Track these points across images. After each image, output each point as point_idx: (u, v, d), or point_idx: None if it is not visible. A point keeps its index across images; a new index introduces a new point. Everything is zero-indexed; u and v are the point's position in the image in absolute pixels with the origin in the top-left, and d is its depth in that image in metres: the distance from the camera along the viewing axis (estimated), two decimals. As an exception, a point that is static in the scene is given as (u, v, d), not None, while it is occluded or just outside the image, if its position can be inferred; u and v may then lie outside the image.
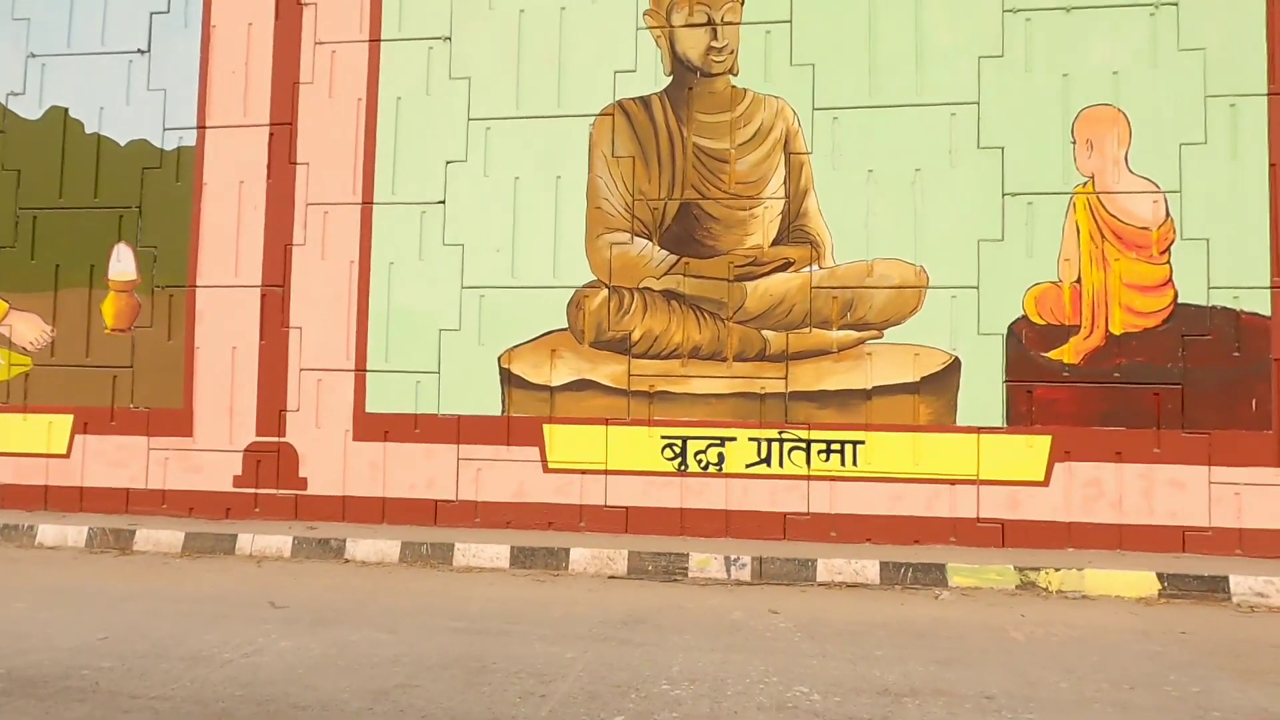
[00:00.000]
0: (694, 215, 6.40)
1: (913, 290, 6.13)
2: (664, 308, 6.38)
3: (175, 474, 6.94)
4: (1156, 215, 5.95)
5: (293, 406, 6.79)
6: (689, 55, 6.48)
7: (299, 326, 6.83)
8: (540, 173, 6.59)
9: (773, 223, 6.31)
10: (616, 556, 5.78)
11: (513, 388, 6.53)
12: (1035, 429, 5.97)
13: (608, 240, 6.48)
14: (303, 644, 4.12)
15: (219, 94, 7.06)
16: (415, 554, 6.02)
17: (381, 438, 6.66)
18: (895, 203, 6.18)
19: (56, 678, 3.60)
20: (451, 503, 6.56)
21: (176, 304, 7.01)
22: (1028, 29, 6.14)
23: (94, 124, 7.22)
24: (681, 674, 3.75)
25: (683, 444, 6.31)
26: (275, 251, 6.90)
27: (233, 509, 6.82)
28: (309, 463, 6.75)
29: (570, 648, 4.12)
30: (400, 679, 3.65)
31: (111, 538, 6.38)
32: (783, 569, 5.60)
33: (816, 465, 6.17)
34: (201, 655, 3.94)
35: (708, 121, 6.42)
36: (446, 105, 6.73)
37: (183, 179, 7.07)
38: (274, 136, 6.95)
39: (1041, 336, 6.01)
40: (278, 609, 4.79)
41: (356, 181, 6.80)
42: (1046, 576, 5.34)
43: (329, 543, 6.13)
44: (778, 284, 6.27)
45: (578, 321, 6.47)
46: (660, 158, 6.45)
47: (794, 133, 6.31)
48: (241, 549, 6.20)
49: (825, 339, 6.19)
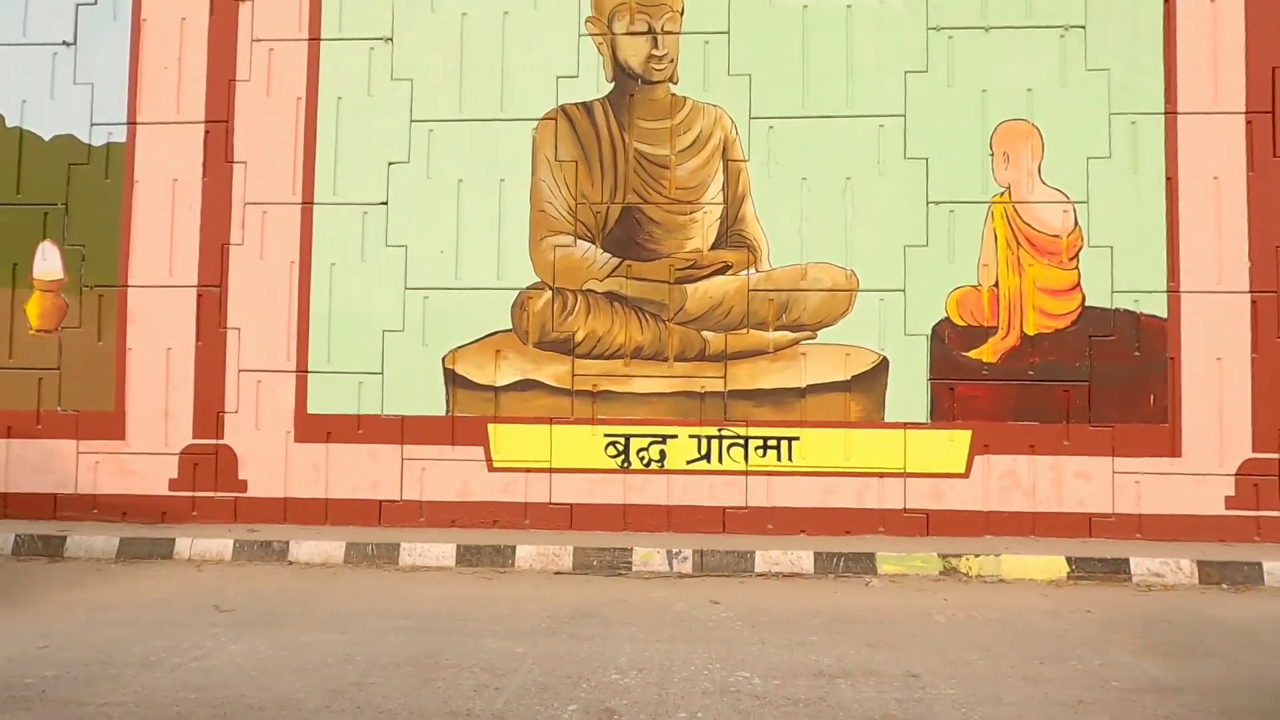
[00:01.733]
0: (636, 219, 6.57)
1: (844, 293, 6.43)
2: (607, 309, 6.54)
3: (107, 478, 6.79)
4: (1066, 224, 6.38)
5: (231, 408, 6.72)
6: (630, 63, 6.64)
7: (237, 327, 6.75)
8: (484, 175, 6.66)
9: (712, 227, 6.52)
10: (562, 553, 5.92)
11: (457, 388, 6.60)
12: (957, 424, 6.34)
13: (551, 243, 6.60)
14: (252, 647, 4.15)
15: (151, 89, 6.91)
16: (360, 554, 6.05)
17: (324, 439, 6.65)
18: (827, 209, 6.47)
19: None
20: (396, 503, 6.60)
21: (107, 304, 6.85)
22: (950, 46, 6.49)
23: (15, 118, 6.98)
24: (629, 664, 3.92)
25: (625, 442, 6.49)
26: (212, 251, 6.80)
27: (169, 513, 6.72)
28: (249, 465, 6.69)
29: (520, 643, 4.25)
30: (354, 678, 3.73)
31: (40, 544, 6.21)
32: (723, 561, 5.83)
33: (754, 461, 6.42)
34: (149, 661, 3.94)
35: (649, 128, 6.60)
36: (388, 106, 6.74)
37: (112, 176, 6.89)
38: (209, 134, 6.84)
39: (963, 337, 6.38)
40: (223, 613, 4.79)
41: (296, 181, 6.76)
42: (967, 563, 5.70)
43: (271, 545, 6.11)
44: (716, 286, 6.49)
45: (522, 322, 6.58)
46: (603, 162, 6.60)
47: (731, 140, 6.54)
48: (180, 553, 6.13)
49: (762, 339, 6.45)
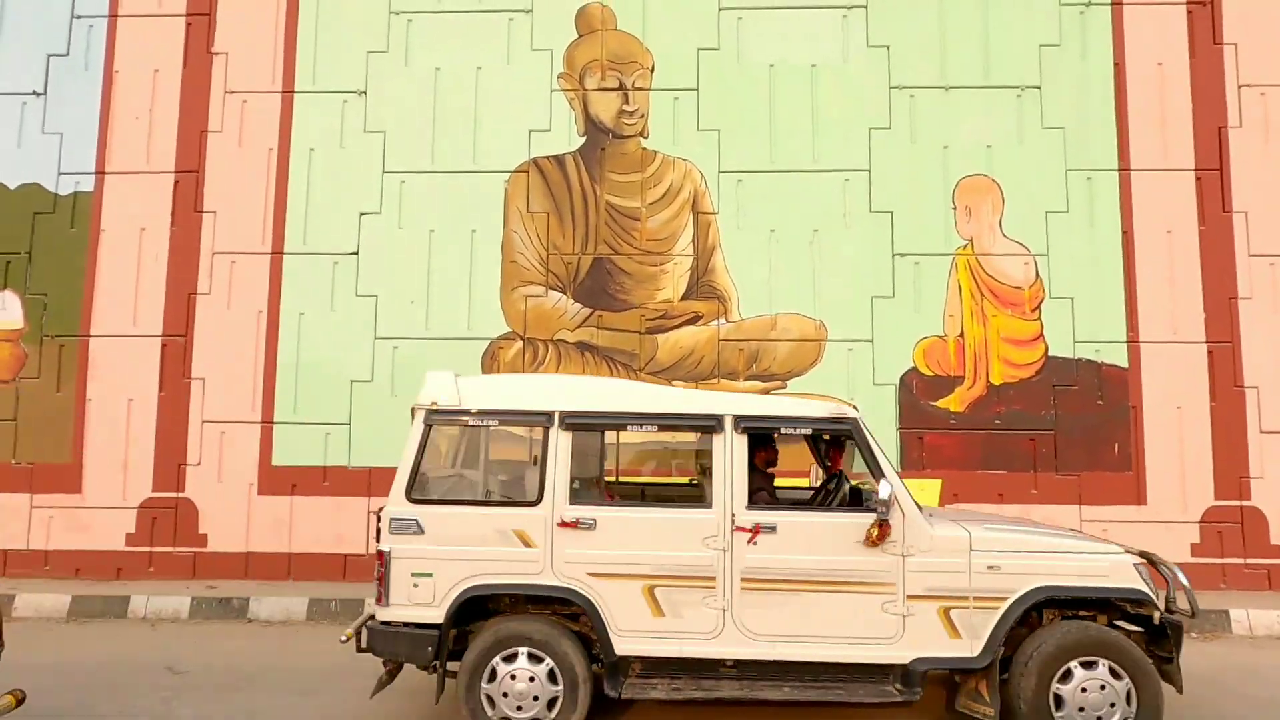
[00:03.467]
0: (607, 270, 6.62)
1: (813, 343, 6.50)
2: (578, 359, 6.54)
3: (60, 533, 6.57)
4: (1028, 275, 6.53)
5: (193, 460, 6.57)
6: (601, 117, 6.76)
7: (202, 377, 6.64)
8: (455, 226, 6.69)
9: (682, 278, 6.59)
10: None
11: (426, 439, 6.50)
12: (927, 473, 6.37)
13: (523, 293, 6.61)
14: (205, 712, 4.00)
15: (121, 140, 6.88)
16: (324, 611, 5.88)
17: (288, 491, 6.51)
18: (796, 260, 6.57)
19: (-64, 758, 3.39)
20: (362, 556, 6.45)
21: (67, 354, 6.72)
22: (912, 105, 6.69)
23: (-19, 166, 6.91)
24: None
25: (596, 493, 6.41)
26: (178, 300, 6.72)
27: (125, 569, 6.50)
28: (209, 518, 6.52)
29: (488, 701, 4.13)
30: (314, 741, 3.60)
31: (-13, 604, 5.97)
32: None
33: (726, 511, 6.37)
34: (98, 726, 3.77)
35: (620, 181, 6.69)
36: (361, 158, 6.78)
37: (78, 225, 6.82)
38: (179, 184, 6.81)
39: (930, 386, 6.46)
40: (177, 675, 4.62)
41: (266, 231, 6.73)
42: (940, 613, 5.66)
43: (230, 602, 5.92)
44: (687, 336, 6.53)
45: (493, 372, 6.54)
46: (574, 214, 6.67)
47: (701, 193, 6.64)
48: (135, 611, 5.92)
49: (733, 389, 6.46)
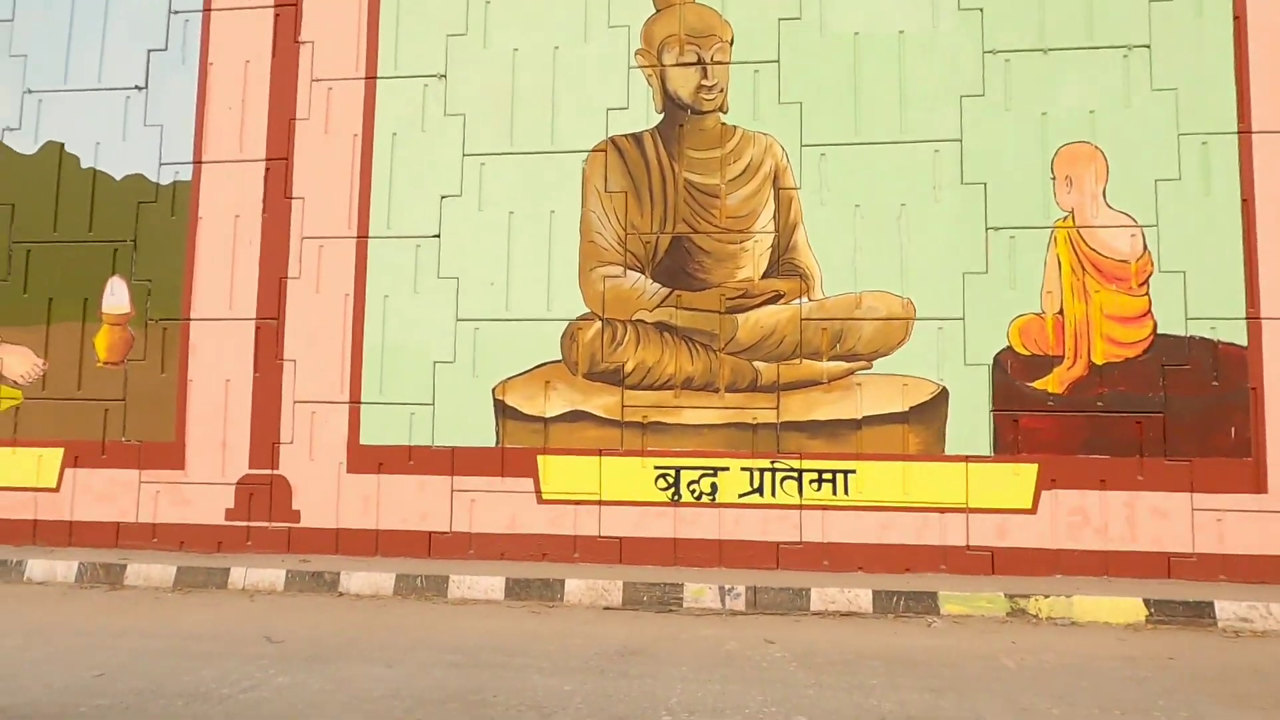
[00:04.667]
0: (686, 249, 6.52)
1: (900, 322, 6.26)
2: (657, 339, 6.48)
3: (166, 507, 6.91)
4: (1135, 248, 6.13)
5: (286, 439, 6.80)
6: (679, 93, 6.64)
7: (293, 359, 6.86)
8: (534, 207, 6.70)
9: (763, 256, 6.43)
10: (612, 588, 5.81)
11: (507, 419, 6.58)
12: (1022, 457, 6.08)
13: (601, 273, 6.58)
14: (300, 680, 4.12)
15: (215, 129, 7.14)
16: (410, 586, 6.02)
17: (375, 470, 6.68)
18: (882, 236, 6.33)
19: (53, 715, 3.59)
20: (445, 534, 6.57)
21: (170, 337, 7.04)
22: (1007, 69, 6.35)
23: (90, 159, 7.28)
24: (680, 705, 3.78)
25: (676, 474, 6.37)
26: (270, 285, 6.95)
27: (224, 542, 6.80)
28: (302, 495, 6.75)
29: (568, 680, 4.14)
30: (400, 713, 3.67)
31: (102, 573, 6.33)
32: (777, 598, 5.64)
33: (809, 495, 6.24)
34: (198, 692, 3.93)
35: (698, 158, 6.57)
36: (441, 141, 6.85)
37: (178, 213, 7.12)
38: (270, 171, 7.03)
39: (1026, 367, 6.14)
40: (273, 644, 4.78)
41: (352, 216, 6.89)
42: (1036, 604, 5.42)
43: (323, 576, 6.12)
44: (768, 316, 6.38)
45: (571, 353, 6.55)
46: (652, 193, 6.58)
47: (783, 169, 6.46)
48: (234, 583, 6.18)
49: (815, 370, 6.30)
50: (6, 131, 7.43)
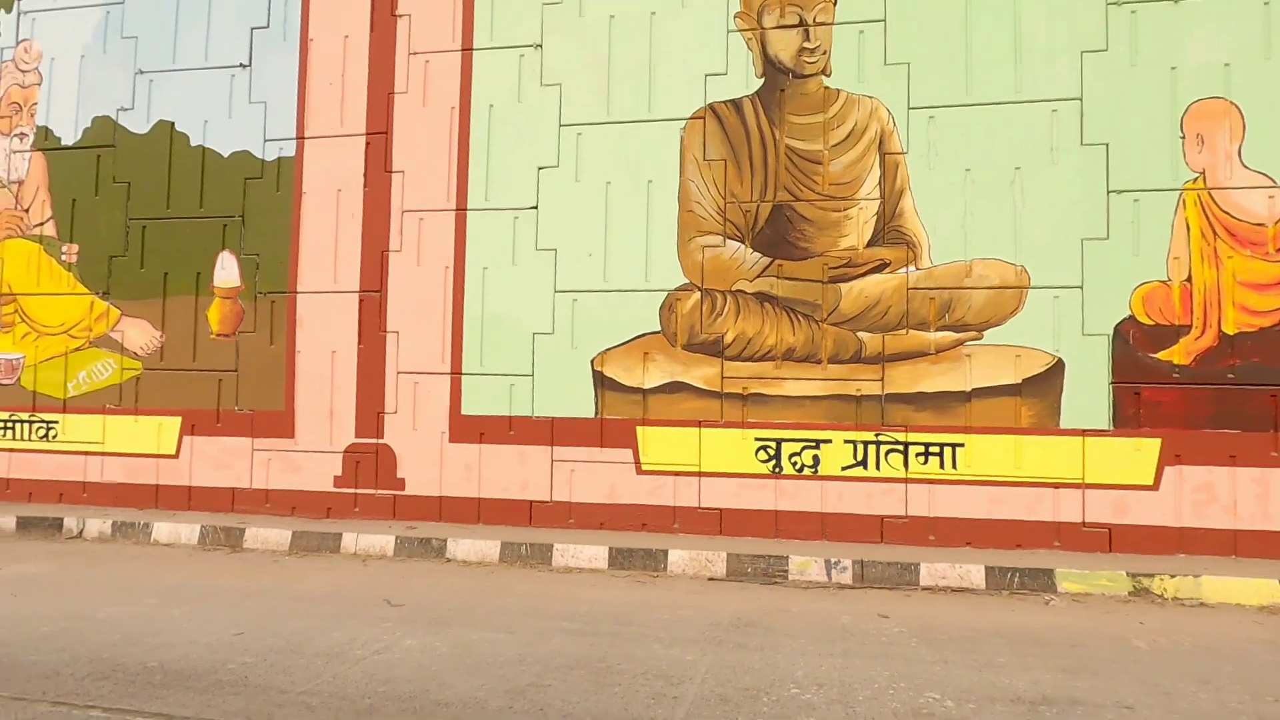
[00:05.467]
0: (787, 217, 6.39)
1: (1013, 291, 6.03)
2: (757, 310, 6.39)
3: (278, 474, 7.17)
4: (1273, 211, 5.75)
5: (390, 409, 6.97)
6: (780, 57, 6.47)
7: (396, 331, 7.00)
8: (631, 177, 6.64)
9: (868, 224, 6.26)
10: (715, 559, 5.81)
11: (605, 390, 6.60)
12: (1144, 432, 5.82)
13: (700, 243, 6.51)
14: (427, 643, 4.24)
15: (317, 105, 7.27)
16: (514, 554, 6.12)
17: (477, 439, 6.79)
18: (994, 202, 6.09)
19: (205, 671, 3.77)
20: (546, 504, 6.66)
21: (278, 309, 7.25)
22: (1133, 22, 5.99)
23: (199, 137, 7.50)
24: (806, 678, 3.76)
25: (777, 446, 6.31)
26: (373, 258, 7.08)
27: (333, 509, 7.03)
28: (406, 464, 6.92)
29: (688, 650, 4.16)
30: (530, 679, 3.73)
31: (222, 535, 6.62)
32: (885, 573, 5.56)
33: (915, 468, 6.11)
34: (334, 652, 4.07)
35: (800, 123, 6.41)
36: (538, 112, 6.83)
37: (283, 188, 7.30)
38: (370, 145, 7.13)
39: (1150, 337, 5.86)
40: (394, 607, 4.93)
41: (451, 188, 6.95)
42: (1161, 583, 5.21)
43: (430, 542, 6.28)
44: (873, 285, 6.22)
45: (670, 324, 6.51)
46: (752, 160, 6.46)
47: (889, 133, 6.25)
48: (346, 548, 6.39)
49: (922, 341, 6.13)
50: (121, 112, 7.70)
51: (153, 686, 3.58)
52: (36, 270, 7.79)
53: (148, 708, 3.33)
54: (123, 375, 7.55)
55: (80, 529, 6.88)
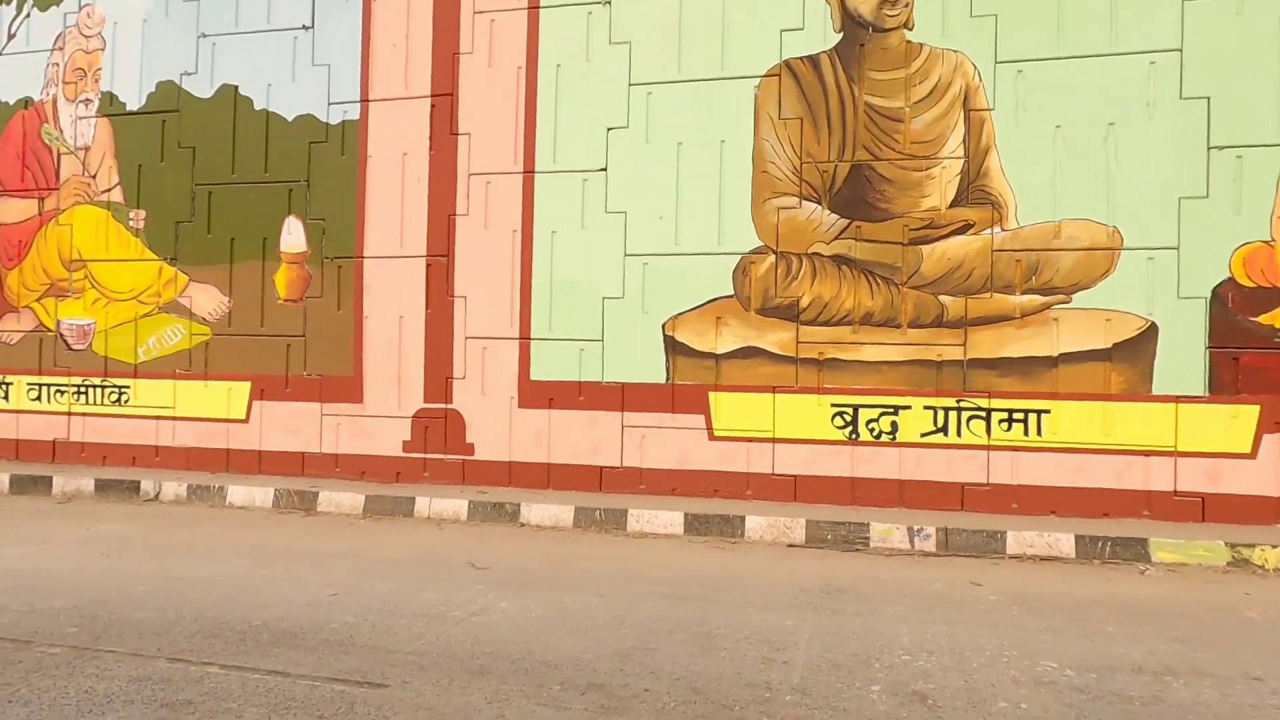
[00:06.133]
0: (866, 177, 6.21)
1: (1104, 252, 5.82)
2: (834, 273, 6.24)
3: (347, 439, 7.21)
4: (1386, 167, 5.47)
5: (459, 374, 6.95)
6: (860, 10, 6.24)
7: (464, 296, 6.95)
8: (704, 137, 6.49)
9: (951, 183, 6.06)
10: (794, 525, 5.74)
11: (677, 355, 6.51)
12: (1242, 398, 5.62)
13: (775, 205, 6.35)
14: (521, 606, 4.22)
15: (381, 67, 7.18)
16: (588, 519, 6.10)
17: (546, 405, 6.75)
18: (1085, 160, 5.85)
19: (310, 630, 3.78)
20: (616, 469, 6.62)
21: (345, 274, 7.23)
22: (1239, -33, 5.68)
23: (263, 100, 7.45)
24: (914, 645, 3.68)
25: (854, 412, 6.19)
26: (439, 222, 7.02)
27: (402, 473, 7.05)
28: (475, 429, 6.91)
29: (786, 615, 4.10)
30: (633, 642, 3.70)
31: (296, 499, 6.68)
32: (970, 540, 5.45)
33: (997, 435, 5.97)
34: (432, 613, 4.07)
35: (881, 79, 6.20)
36: (607, 71, 6.68)
37: (348, 152, 7.24)
38: (435, 108, 7.04)
39: (1250, 300, 5.63)
40: (478, 570, 4.93)
41: (518, 150, 6.84)
42: (1262, 554, 5.05)
43: (504, 507, 6.27)
44: (956, 247, 6.04)
45: (744, 288, 6.39)
46: (830, 119, 6.27)
47: (974, 88, 6.03)
48: (420, 512, 6.41)
49: (1007, 304, 5.95)
50: (184, 76, 7.68)
51: (261, 644, 3.60)
52: (105, 236, 7.85)
53: (263, 665, 3.35)
54: (191, 340, 7.61)
55: (157, 492, 6.98)
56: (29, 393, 8.05)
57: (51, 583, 4.52)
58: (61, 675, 3.22)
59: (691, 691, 3.17)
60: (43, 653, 3.46)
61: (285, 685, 3.15)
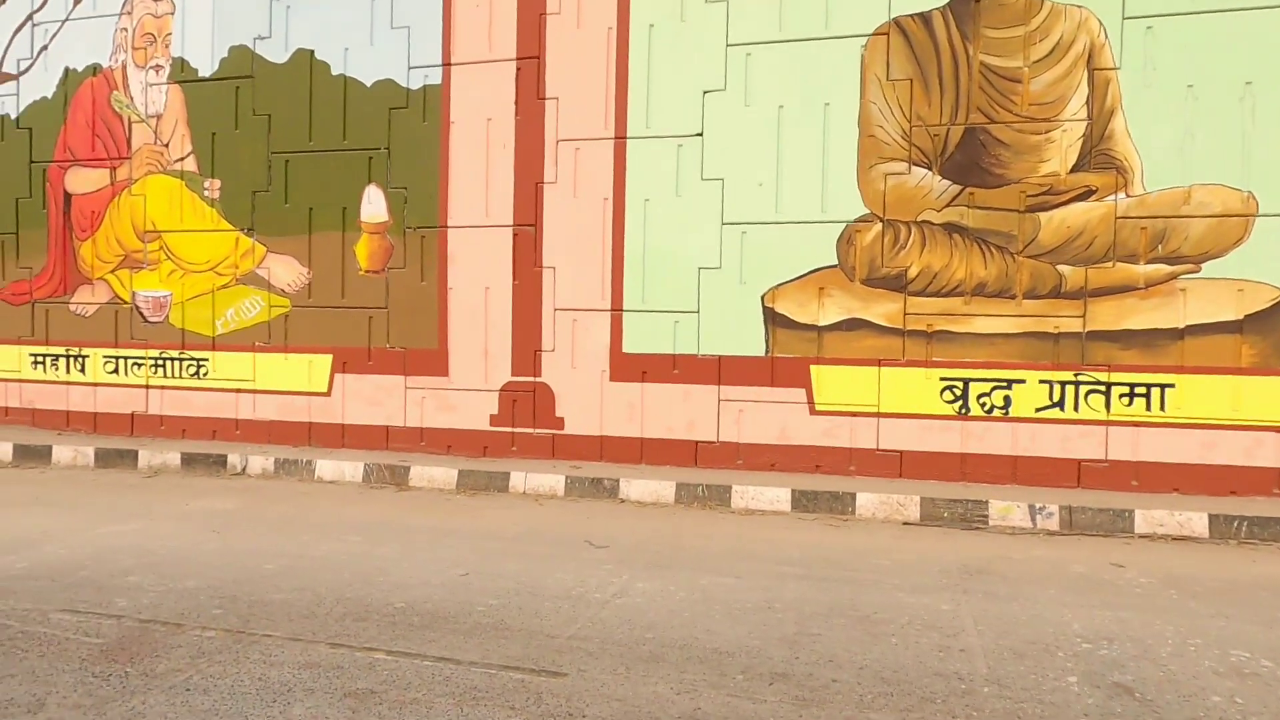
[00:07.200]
0: (980, 141, 5.94)
1: (1238, 219, 5.54)
2: (945, 242, 6.00)
3: (432, 412, 7.10)
4: None
5: (548, 347, 6.79)
6: (976, -36, 5.94)
7: (552, 266, 6.78)
8: (806, 100, 6.23)
9: (1072, 147, 5.79)
10: (907, 502, 5.58)
11: (777, 327, 6.32)
12: (1385, 373, 5.38)
13: (882, 171, 6.11)
14: (659, 587, 4.10)
15: (463, 29, 6.94)
16: (691, 495, 5.97)
17: (639, 378, 6.60)
18: (1220, 121, 5.56)
19: (458, 613, 3.67)
20: (712, 444, 6.47)
21: (428, 245, 7.07)
22: (1393, -88, 5.33)
23: (340, 65, 7.25)
24: (1089, 633, 3.53)
25: (964, 386, 6.00)
26: (526, 190, 6.82)
27: (489, 447, 6.94)
28: (565, 402, 6.77)
29: (938, 598, 3.96)
30: (793, 627, 3.57)
31: (387, 474, 6.59)
32: (1095, 519, 5.27)
33: (1117, 410, 5.75)
34: (572, 595, 3.96)
35: (997, 37, 5.90)
36: (703, 31, 6.41)
37: (429, 118, 7.04)
38: (521, 71, 6.81)
39: (1396, 269, 5.36)
40: (597, 548, 4.81)
41: (608, 115, 6.61)
42: None
43: (601, 482, 6.15)
44: (1076, 214, 5.78)
45: (849, 258, 6.17)
46: (942, 79, 5.99)
47: (1099, 46, 5.72)
48: (515, 487, 6.30)
49: (1131, 274, 5.70)
50: (258, 41, 7.47)
51: (414, 628, 3.49)
52: (180, 207, 7.71)
53: (428, 651, 3.24)
54: (270, 313, 7.49)
55: (244, 466, 6.91)
56: (105, 365, 7.99)
57: (176, 561, 4.44)
58: (228, 661, 3.13)
59: (881, 681, 3.04)
60: (199, 636, 3.38)
61: (460, 673, 3.04)
